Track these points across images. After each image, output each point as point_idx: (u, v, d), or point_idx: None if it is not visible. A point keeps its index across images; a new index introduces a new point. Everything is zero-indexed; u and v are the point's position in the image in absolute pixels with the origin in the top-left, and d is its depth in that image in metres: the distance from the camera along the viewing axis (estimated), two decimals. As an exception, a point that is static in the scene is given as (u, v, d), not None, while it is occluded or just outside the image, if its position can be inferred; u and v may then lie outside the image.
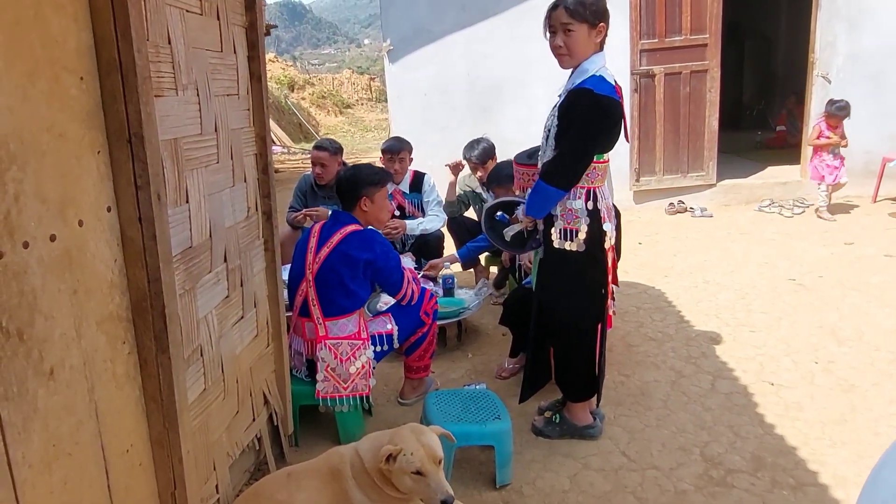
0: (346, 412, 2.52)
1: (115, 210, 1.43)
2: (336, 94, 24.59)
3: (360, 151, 14.84)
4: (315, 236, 2.57)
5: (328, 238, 2.53)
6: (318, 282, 2.50)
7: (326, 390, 2.47)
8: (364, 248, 2.50)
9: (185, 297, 1.68)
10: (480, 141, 4.03)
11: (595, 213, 2.30)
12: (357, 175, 2.63)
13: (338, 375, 2.47)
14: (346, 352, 2.48)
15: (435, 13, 6.63)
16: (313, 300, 2.50)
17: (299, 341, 2.60)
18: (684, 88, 6.51)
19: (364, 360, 2.51)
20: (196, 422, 1.75)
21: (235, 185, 2.03)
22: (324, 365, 2.47)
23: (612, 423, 2.65)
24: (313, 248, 2.54)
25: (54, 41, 1.23)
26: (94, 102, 1.36)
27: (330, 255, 2.49)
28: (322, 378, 2.47)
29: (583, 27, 2.20)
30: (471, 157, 4.01)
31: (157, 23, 1.54)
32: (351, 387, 2.48)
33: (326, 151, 4.01)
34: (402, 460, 1.75)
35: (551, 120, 2.32)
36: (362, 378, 2.51)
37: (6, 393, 1.10)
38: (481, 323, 3.81)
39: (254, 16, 2.11)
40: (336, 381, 2.47)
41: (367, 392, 2.52)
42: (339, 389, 2.47)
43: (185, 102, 1.70)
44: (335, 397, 2.47)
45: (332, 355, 2.47)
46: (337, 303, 2.50)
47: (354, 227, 2.55)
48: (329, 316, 2.51)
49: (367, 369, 2.52)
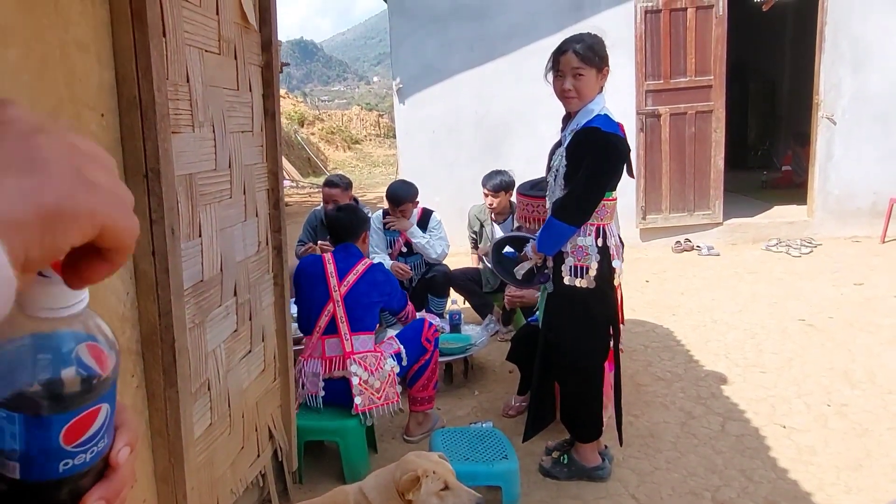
0: (354, 445, 2.56)
1: (130, 244, 1.45)
2: (345, 129, 24.98)
3: (367, 186, 14.99)
4: (332, 263, 2.74)
5: (352, 266, 2.74)
6: (347, 301, 2.69)
7: (364, 403, 2.57)
8: (387, 281, 2.82)
9: (194, 331, 1.68)
10: (501, 173, 4.09)
11: (605, 250, 2.31)
12: (359, 213, 2.98)
13: (370, 386, 2.60)
14: (372, 363, 2.64)
15: (444, 53, 6.78)
16: (342, 318, 2.67)
17: (316, 363, 2.65)
18: (690, 128, 6.58)
19: (389, 370, 2.68)
20: (201, 457, 1.73)
21: (247, 220, 2.05)
22: (357, 379, 2.58)
23: (620, 464, 2.60)
24: (334, 273, 2.72)
25: (78, 80, 1.27)
26: (113, 138, 1.39)
27: (359, 281, 2.72)
28: (358, 392, 2.57)
29: (592, 71, 2.25)
30: (487, 185, 4.07)
31: (176, 62, 1.58)
32: (383, 396, 2.62)
33: (338, 188, 4.06)
34: (426, 482, 1.73)
35: (559, 160, 2.35)
36: (391, 386, 2.66)
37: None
38: (488, 360, 3.78)
39: (269, 56, 2.16)
40: (370, 393, 2.59)
41: (396, 399, 2.66)
42: (374, 400, 2.60)
43: (201, 139, 1.73)
44: (372, 409, 2.59)
45: (361, 368, 2.60)
46: (363, 321, 2.71)
47: (372, 261, 2.83)
48: (355, 331, 2.68)
49: (392, 377, 2.68)
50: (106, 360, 0.37)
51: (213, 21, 1.79)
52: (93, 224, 0.32)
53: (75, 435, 0.36)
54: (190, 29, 1.65)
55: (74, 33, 1.26)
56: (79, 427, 0.36)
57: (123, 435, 0.41)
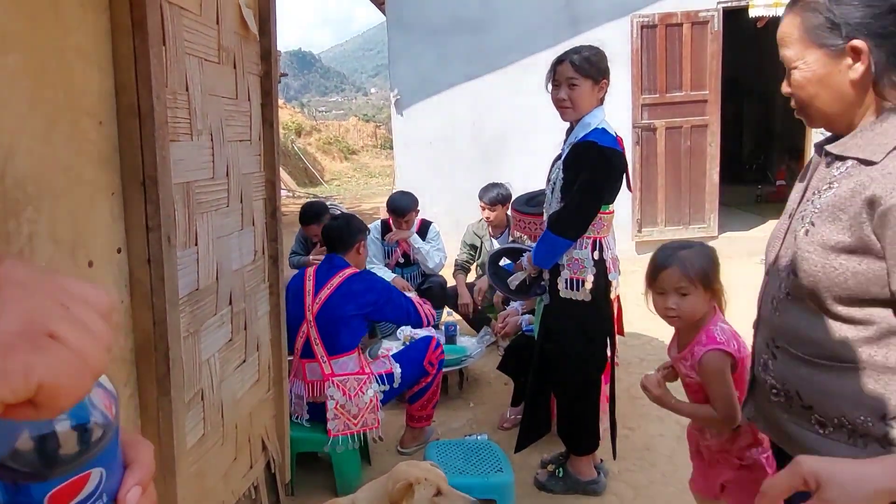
0: (347, 457, 2.50)
1: (125, 251, 1.44)
2: (342, 140, 25.04)
3: (364, 197, 15.00)
4: (311, 279, 2.63)
5: (327, 280, 2.59)
6: (319, 321, 2.55)
7: (338, 428, 2.48)
8: (368, 289, 2.61)
9: (189, 340, 1.67)
10: (498, 186, 4.09)
11: (601, 263, 2.31)
12: (355, 223, 2.83)
13: (347, 412, 2.49)
14: (353, 387, 2.52)
15: (441, 65, 6.81)
16: (316, 339, 2.54)
17: (300, 385, 2.58)
18: (685, 142, 6.62)
19: (371, 395, 2.55)
20: (193, 468, 1.71)
21: (244, 229, 2.04)
22: (333, 403, 2.48)
23: (616, 478, 2.59)
24: (311, 290, 2.60)
25: (77, 87, 1.27)
26: (111, 146, 1.39)
27: (332, 295, 2.56)
28: (332, 416, 2.48)
29: (587, 82, 2.26)
30: (483, 198, 4.07)
31: (176, 71, 1.58)
32: (361, 422, 2.51)
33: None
34: (418, 488, 1.71)
35: (556, 173, 2.36)
36: (371, 412, 2.53)
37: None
38: (483, 371, 3.77)
39: (269, 65, 2.17)
40: (346, 418, 2.49)
41: (376, 426, 2.54)
42: (350, 426, 2.49)
43: (199, 147, 1.73)
44: (346, 434, 2.48)
45: (340, 392, 2.50)
46: (339, 340, 2.56)
47: (353, 270, 2.64)
48: (333, 354, 2.54)
49: (374, 403, 2.55)
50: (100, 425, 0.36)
51: (213, 30, 1.80)
52: (26, 384, 0.31)
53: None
54: (190, 38, 1.66)
55: (74, 40, 1.26)
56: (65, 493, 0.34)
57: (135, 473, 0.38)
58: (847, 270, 1.03)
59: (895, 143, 1.02)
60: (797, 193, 1.22)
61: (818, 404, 1.10)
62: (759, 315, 1.26)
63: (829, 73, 1.08)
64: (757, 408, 1.28)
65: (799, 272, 1.10)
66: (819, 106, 1.13)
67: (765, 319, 1.22)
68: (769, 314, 1.20)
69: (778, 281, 1.17)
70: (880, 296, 1.03)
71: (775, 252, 1.21)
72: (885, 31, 1.02)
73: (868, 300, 1.04)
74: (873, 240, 1.01)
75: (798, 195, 1.21)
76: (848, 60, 1.05)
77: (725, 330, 1.69)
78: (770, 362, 1.19)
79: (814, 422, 1.11)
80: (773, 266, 1.20)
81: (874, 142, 1.05)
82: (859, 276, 1.03)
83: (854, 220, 1.02)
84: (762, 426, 1.28)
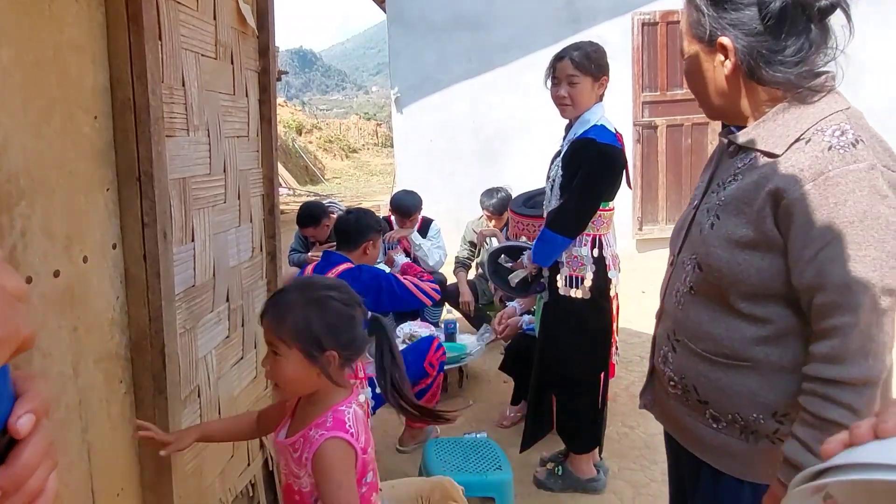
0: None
1: (121, 247, 1.43)
2: (343, 138, 25.03)
3: (365, 195, 14.99)
4: None
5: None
6: None
7: None
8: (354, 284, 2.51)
9: (185, 337, 1.66)
10: (499, 190, 4.05)
11: (601, 261, 2.30)
12: (367, 220, 2.69)
13: None
14: None
15: (442, 63, 6.80)
16: None
17: None
18: (686, 140, 6.61)
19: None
20: (190, 466, 1.70)
21: (241, 225, 2.03)
22: None
23: (616, 476, 2.58)
24: None
25: (71, 81, 1.26)
26: (105, 141, 1.38)
27: None
28: None
29: (587, 79, 2.25)
30: (489, 206, 4.04)
31: (172, 65, 1.57)
32: None
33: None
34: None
35: (555, 170, 2.35)
36: None
37: None
38: (483, 369, 3.76)
39: (267, 61, 2.16)
40: None
41: None
42: None
43: (196, 143, 1.72)
44: None
45: None
46: None
47: (346, 266, 2.58)
48: None
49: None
50: None
51: (209, 25, 1.79)
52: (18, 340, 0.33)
53: None
54: (186, 33, 1.65)
55: (69, 34, 1.25)
56: None
57: (25, 402, 0.36)
58: (751, 266, 1.05)
59: (797, 136, 1.03)
60: (702, 184, 1.23)
61: (714, 400, 1.13)
62: (662, 306, 1.28)
63: (706, 68, 1.12)
64: (654, 397, 1.31)
65: (704, 267, 1.11)
66: (704, 99, 1.17)
67: (667, 311, 1.24)
68: (672, 307, 1.21)
69: (682, 274, 1.18)
70: (781, 292, 1.04)
71: (679, 244, 1.22)
72: (750, 29, 1.04)
73: (770, 296, 1.05)
74: (776, 234, 1.02)
75: (703, 185, 1.22)
76: (720, 56, 1.08)
77: (359, 416, 1.34)
78: (670, 355, 1.21)
79: (708, 416, 1.14)
80: (678, 258, 1.22)
81: (776, 133, 1.06)
82: (762, 273, 1.04)
83: (758, 215, 1.03)
84: (657, 415, 1.31)
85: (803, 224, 0.98)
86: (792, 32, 1.03)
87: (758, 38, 1.04)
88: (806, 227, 0.98)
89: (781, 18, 1.02)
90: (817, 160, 0.99)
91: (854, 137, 1.01)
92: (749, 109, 1.11)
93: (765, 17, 1.03)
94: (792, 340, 1.06)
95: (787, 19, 1.02)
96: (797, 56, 1.03)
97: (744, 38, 1.05)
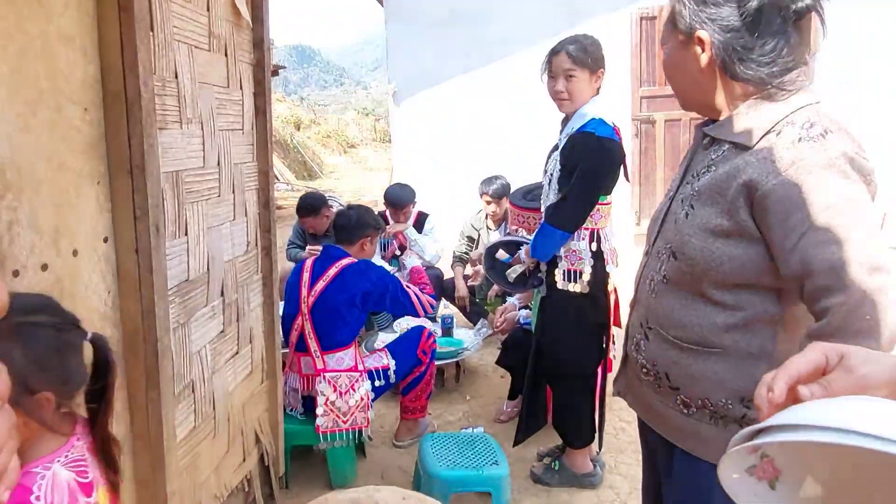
0: (342, 450, 2.48)
1: (113, 241, 1.42)
2: (341, 133, 24.96)
3: (363, 190, 14.96)
4: (308, 271, 2.58)
5: (323, 272, 2.54)
6: (314, 315, 2.50)
7: (326, 425, 2.44)
8: (362, 279, 2.53)
9: (178, 331, 1.65)
10: (498, 178, 4.06)
11: (599, 255, 2.28)
12: (366, 216, 2.71)
13: (337, 409, 2.45)
14: (344, 384, 2.47)
15: (439, 58, 6.77)
16: (310, 333, 2.50)
17: (295, 377, 2.56)
18: (684, 135, 6.58)
19: (363, 393, 2.50)
20: (184, 461, 1.69)
21: (236, 219, 2.02)
22: (323, 399, 2.44)
23: (613, 471, 2.58)
24: (307, 282, 2.55)
25: (60, 72, 1.24)
26: (97, 134, 1.36)
27: (326, 288, 2.51)
28: (322, 413, 2.44)
29: (584, 73, 2.23)
30: (488, 191, 4.03)
31: (164, 57, 1.56)
32: (350, 420, 2.46)
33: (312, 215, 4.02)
34: None
35: (553, 164, 2.33)
36: (361, 411, 2.48)
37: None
38: (480, 364, 3.75)
39: (261, 54, 2.14)
40: (336, 415, 2.45)
41: (366, 425, 2.49)
42: (339, 423, 2.45)
43: (189, 136, 1.70)
44: (335, 432, 2.45)
45: (331, 388, 2.45)
46: (334, 335, 2.51)
47: (350, 260, 2.57)
48: (327, 349, 2.50)
49: (365, 402, 2.50)
50: None
51: (203, 17, 1.77)
52: None
53: None
54: (179, 24, 1.63)
55: (58, 24, 1.23)
56: None
57: None
58: (724, 254, 1.07)
59: (768, 128, 1.05)
60: (678, 175, 1.25)
61: (684, 387, 1.16)
62: (635, 295, 1.30)
63: (683, 59, 1.14)
64: (627, 384, 1.35)
65: (679, 255, 1.14)
66: (680, 90, 1.19)
67: (641, 300, 1.26)
68: (645, 296, 1.24)
69: (657, 263, 1.20)
70: (752, 280, 1.07)
71: (654, 234, 1.24)
72: (727, 25, 1.06)
73: (741, 284, 1.08)
74: (750, 224, 1.05)
75: (678, 177, 1.24)
76: (697, 49, 1.10)
77: (62, 482, 0.92)
78: (642, 343, 1.24)
79: (679, 402, 1.17)
80: (653, 248, 1.24)
81: (747, 126, 1.08)
82: (735, 261, 1.07)
83: (731, 205, 1.06)
84: (630, 402, 1.35)
85: (780, 215, 1.00)
86: (767, 32, 1.06)
87: (734, 35, 1.06)
88: (783, 218, 1.00)
89: (758, 17, 1.05)
90: (788, 151, 1.01)
91: (822, 129, 1.02)
92: (723, 103, 1.14)
93: (742, 15, 1.05)
94: (761, 328, 1.09)
95: (763, 18, 1.05)
96: (771, 55, 1.06)
97: (721, 33, 1.07)
